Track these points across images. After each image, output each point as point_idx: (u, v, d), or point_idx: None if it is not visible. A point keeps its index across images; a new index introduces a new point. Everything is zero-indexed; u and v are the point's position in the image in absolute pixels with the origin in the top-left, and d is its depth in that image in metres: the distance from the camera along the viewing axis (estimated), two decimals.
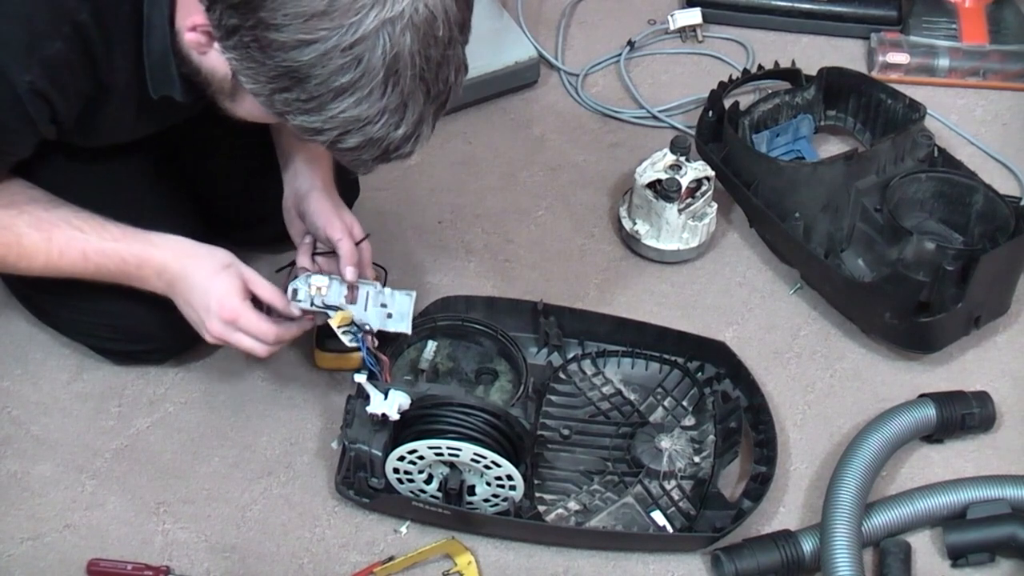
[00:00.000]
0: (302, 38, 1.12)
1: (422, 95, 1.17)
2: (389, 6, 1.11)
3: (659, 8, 2.16)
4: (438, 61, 1.16)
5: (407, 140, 1.20)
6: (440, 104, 1.20)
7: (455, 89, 1.21)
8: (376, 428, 1.43)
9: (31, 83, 1.24)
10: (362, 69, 1.13)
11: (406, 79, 1.14)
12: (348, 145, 1.19)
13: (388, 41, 1.12)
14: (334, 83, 1.13)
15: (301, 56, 1.12)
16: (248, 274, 1.41)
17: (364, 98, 1.14)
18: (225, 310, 1.40)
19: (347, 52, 1.12)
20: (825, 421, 1.63)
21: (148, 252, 1.40)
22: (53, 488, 1.55)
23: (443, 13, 1.14)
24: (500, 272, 1.79)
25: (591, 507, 1.52)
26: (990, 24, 2.09)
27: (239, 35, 1.15)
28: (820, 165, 1.78)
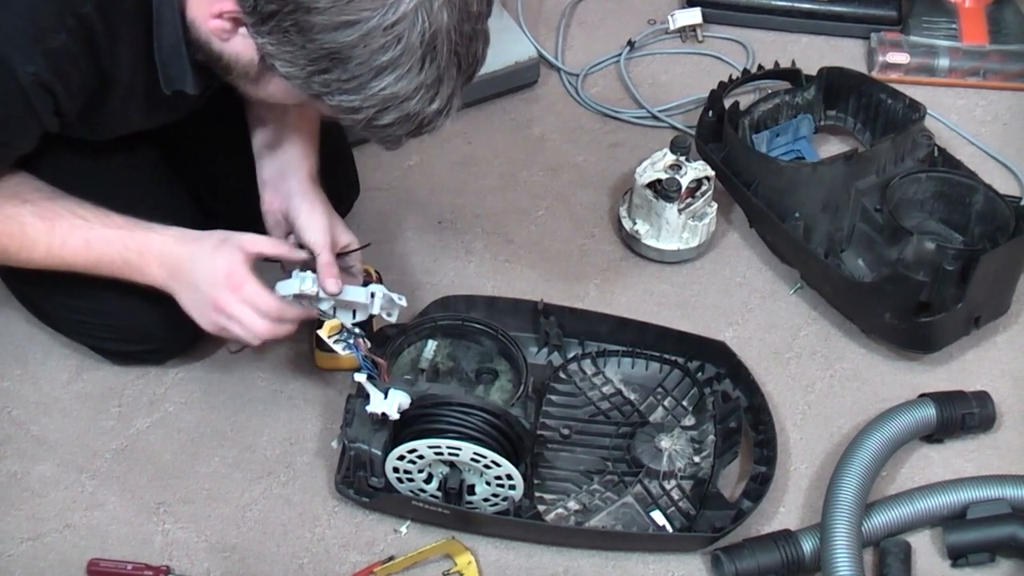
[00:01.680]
0: (344, 19, 1.14)
1: (455, 69, 1.20)
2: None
3: (659, 8, 2.16)
4: (470, 35, 1.19)
5: (439, 114, 1.22)
6: (469, 76, 1.23)
7: (482, 61, 1.23)
8: (376, 427, 1.43)
9: (35, 75, 1.24)
10: (402, 47, 1.15)
11: (443, 55, 1.17)
12: (384, 122, 1.21)
13: (427, 18, 1.14)
14: (375, 62, 1.16)
15: (343, 37, 1.15)
16: (245, 240, 1.42)
17: (404, 75, 1.17)
18: (232, 278, 1.40)
19: (388, 31, 1.14)
20: (825, 421, 1.63)
21: (149, 238, 1.41)
22: (53, 488, 1.55)
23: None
24: (500, 272, 1.79)
25: (591, 507, 1.52)
26: (990, 24, 2.09)
27: (277, 19, 1.17)
28: (820, 165, 1.78)
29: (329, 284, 1.44)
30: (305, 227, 1.47)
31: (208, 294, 1.41)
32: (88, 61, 1.28)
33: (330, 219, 1.48)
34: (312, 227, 1.47)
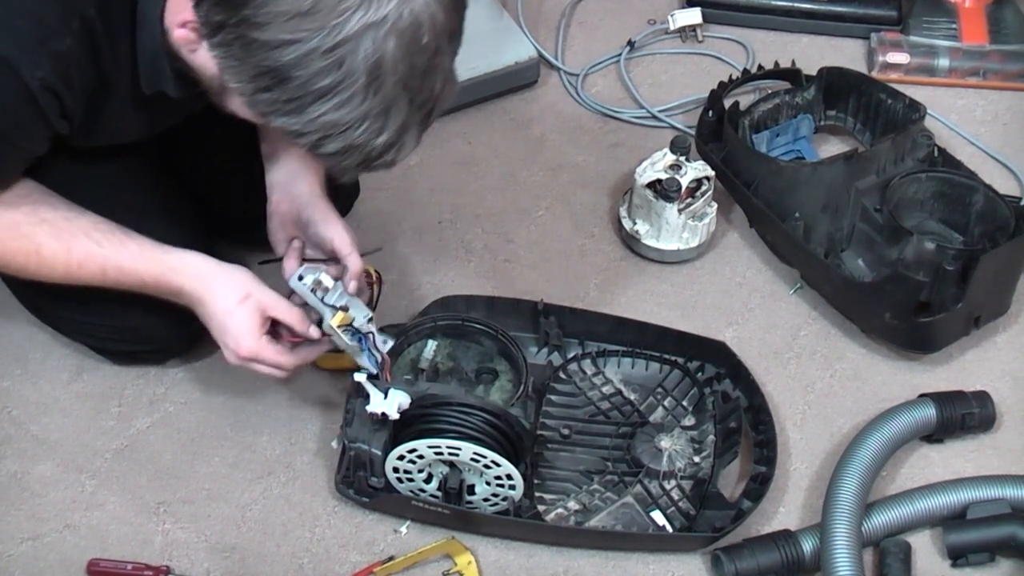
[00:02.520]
0: (284, 38, 1.11)
1: (405, 103, 1.16)
2: (374, 10, 1.10)
3: (659, 8, 2.16)
4: (423, 69, 1.15)
5: (389, 148, 1.18)
6: (425, 114, 1.19)
7: (442, 100, 1.19)
8: (376, 427, 1.43)
9: (42, 79, 1.24)
10: (343, 72, 1.12)
11: (388, 85, 1.13)
12: (329, 150, 1.18)
13: (371, 45, 1.11)
14: (315, 85, 1.12)
15: (282, 56, 1.12)
16: (266, 301, 1.40)
17: (345, 102, 1.13)
18: (242, 349, 1.40)
19: (329, 54, 1.11)
20: (825, 421, 1.63)
21: (165, 277, 1.40)
22: (53, 488, 1.55)
23: (429, 21, 1.13)
24: (500, 272, 1.79)
25: (591, 507, 1.52)
26: (990, 24, 2.09)
27: (224, 32, 1.15)
28: (820, 165, 1.78)
29: (352, 286, 1.44)
30: (326, 232, 1.47)
31: (222, 347, 1.42)
32: (90, 63, 1.28)
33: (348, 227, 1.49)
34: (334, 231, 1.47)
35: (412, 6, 1.11)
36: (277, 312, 1.40)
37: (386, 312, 1.66)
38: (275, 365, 1.43)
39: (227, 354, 1.42)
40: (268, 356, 1.41)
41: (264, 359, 1.42)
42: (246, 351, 1.40)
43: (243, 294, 1.39)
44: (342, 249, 1.46)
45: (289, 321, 1.41)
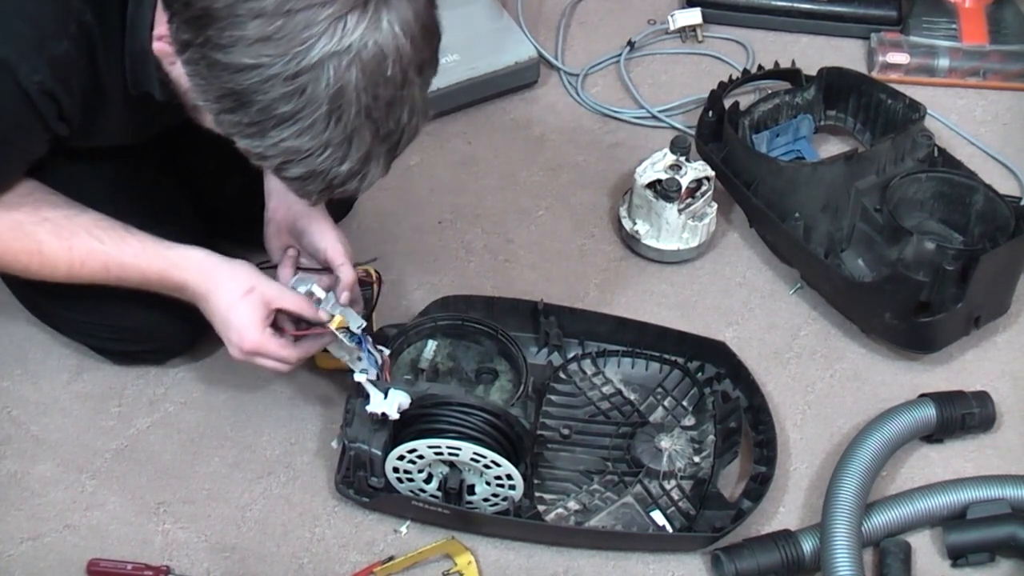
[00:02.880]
0: (247, 62, 1.10)
1: (369, 133, 1.14)
2: (337, 39, 1.09)
3: (659, 8, 2.16)
4: (388, 101, 1.13)
5: (353, 176, 1.17)
6: (392, 144, 1.17)
7: (409, 131, 1.18)
8: (376, 427, 1.43)
9: (40, 83, 1.24)
10: (304, 100, 1.11)
11: (351, 115, 1.12)
12: (292, 174, 1.17)
13: (333, 75, 1.10)
14: (276, 110, 1.12)
15: (244, 80, 1.11)
16: (270, 293, 1.40)
17: (306, 129, 1.12)
18: (246, 343, 1.40)
19: (290, 81, 1.10)
20: (825, 421, 1.63)
21: (168, 272, 1.40)
22: (53, 488, 1.55)
23: (395, 52, 1.11)
24: (500, 272, 1.79)
25: (591, 507, 1.52)
26: (990, 24, 2.09)
27: (191, 51, 1.14)
28: (820, 165, 1.78)
29: (344, 297, 1.44)
30: (320, 242, 1.47)
31: (226, 341, 1.42)
32: (87, 67, 1.28)
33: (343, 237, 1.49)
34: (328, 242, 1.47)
35: (377, 37, 1.10)
36: (282, 302, 1.40)
37: (386, 312, 1.66)
38: (279, 358, 1.42)
39: (231, 348, 1.42)
40: (272, 349, 1.41)
41: (268, 352, 1.41)
42: (250, 344, 1.40)
43: (247, 287, 1.39)
44: (334, 260, 1.46)
45: (295, 309, 1.41)
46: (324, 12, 1.08)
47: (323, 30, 1.08)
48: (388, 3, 1.10)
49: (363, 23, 1.09)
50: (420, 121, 1.19)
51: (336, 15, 1.08)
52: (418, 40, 1.13)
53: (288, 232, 1.50)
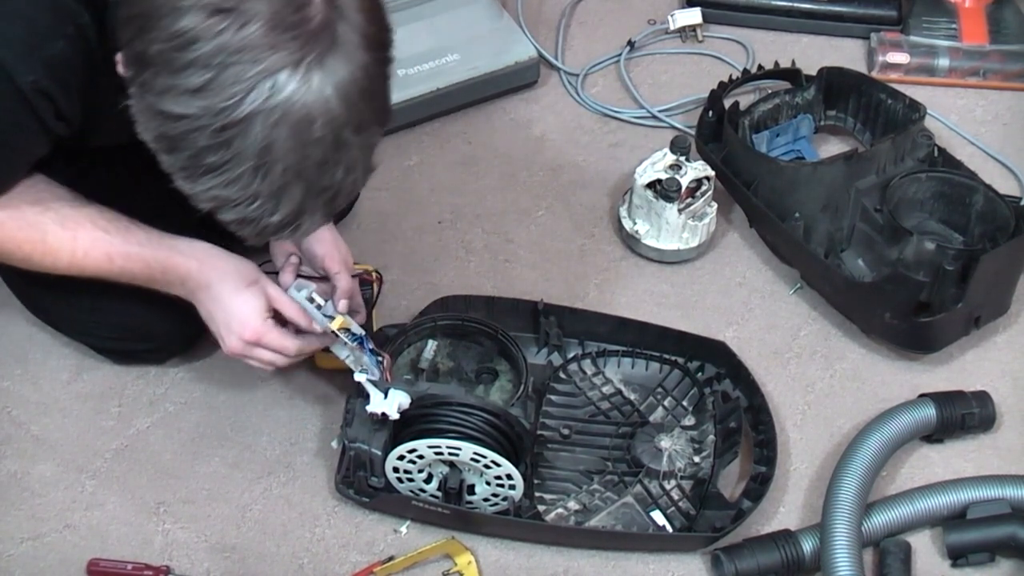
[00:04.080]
0: (176, 111, 1.09)
1: (300, 190, 1.12)
2: (265, 97, 1.06)
3: (659, 8, 2.16)
4: (319, 161, 1.10)
5: (285, 227, 1.15)
6: (328, 199, 1.15)
7: (347, 187, 1.15)
8: (376, 427, 1.43)
9: (34, 82, 1.24)
10: (231, 153, 1.09)
11: (277, 172, 1.10)
12: (225, 218, 1.16)
13: (260, 132, 1.08)
14: (203, 160, 1.10)
15: (174, 127, 1.10)
16: (272, 291, 1.41)
17: (233, 181, 1.11)
18: (247, 331, 1.40)
19: (218, 134, 1.08)
20: (825, 421, 1.63)
21: (173, 260, 1.40)
22: (53, 488, 1.55)
23: (324, 114, 1.08)
24: (500, 272, 1.79)
25: (591, 507, 1.52)
26: (990, 24, 2.09)
27: (132, 86, 1.13)
28: (820, 165, 1.78)
29: (342, 305, 1.44)
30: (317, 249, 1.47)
31: (226, 332, 1.42)
32: (84, 67, 1.28)
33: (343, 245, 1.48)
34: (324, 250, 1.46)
35: (307, 97, 1.07)
36: (281, 305, 1.41)
37: (386, 312, 1.66)
38: (278, 349, 1.42)
39: (230, 340, 1.41)
40: (273, 338, 1.41)
41: (269, 342, 1.41)
42: (251, 333, 1.40)
43: (251, 279, 1.40)
44: (331, 268, 1.46)
45: (291, 315, 1.41)
46: (255, 68, 1.06)
47: (252, 86, 1.06)
48: (322, 63, 1.07)
49: (293, 82, 1.06)
50: (360, 177, 1.16)
51: (267, 72, 1.06)
52: (355, 101, 1.09)
53: None
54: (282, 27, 1.05)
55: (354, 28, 1.09)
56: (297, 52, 1.06)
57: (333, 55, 1.08)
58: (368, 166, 1.17)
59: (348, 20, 1.09)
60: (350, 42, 1.09)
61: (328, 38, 1.07)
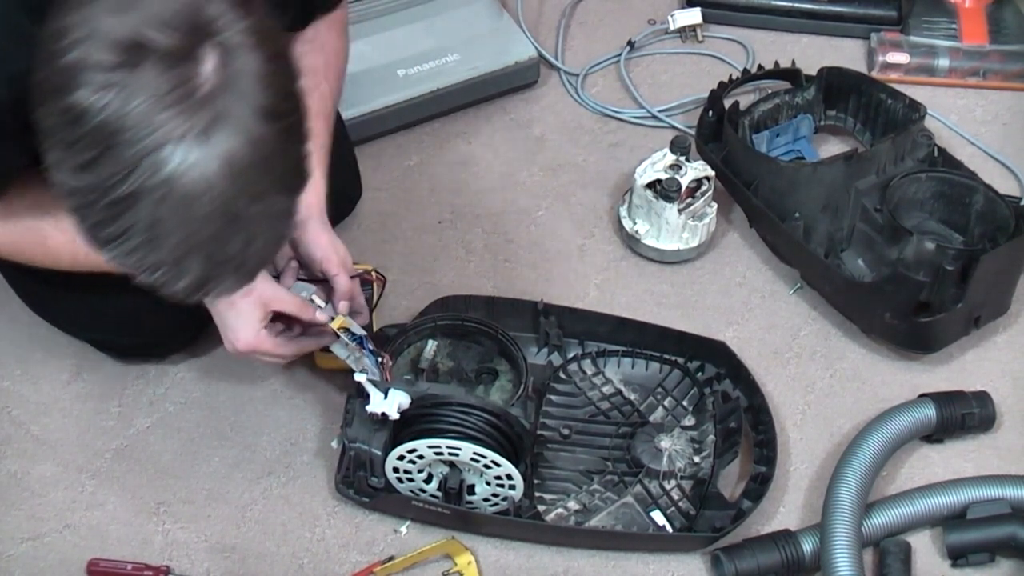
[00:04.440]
0: (68, 184, 1.05)
1: (199, 261, 1.08)
2: (148, 175, 1.02)
3: (659, 8, 2.16)
4: (211, 235, 1.06)
5: (193, 293, 1.11)
6: (236, 266, 1.10)
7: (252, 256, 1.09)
8: (376, 427, 1.43)
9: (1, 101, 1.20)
10: (123, 227, 1.05)
11: (169, 246, 1.06)
12: (139, 280, 1.11)
13: (146, 208, 1.03)
14: (99, 232, 1.07)
15: (69, 200, 1.06)
16: (269, 294, 1.40)
17: (130, 252, 1.07)
18: (240, 343, 1.41)
19: (107, 209, 1.04)
20: (825, 421, 1.63)
21: None
22: (53, 488, 1.55)
23: (208, 191, 1.02)
24: (500, 272, 1.79)
25: (591, 507, 1.52)
26: (990, 24, 2.08)
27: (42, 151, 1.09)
28: (820, 165, 1.78)
29: (342, 306, 1.44)
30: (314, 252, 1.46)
31: (224, 339, 1.42)
32: None
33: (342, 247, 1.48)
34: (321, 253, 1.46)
35: (189, 174, 1.02)
36: (280, 305, 1.41)
37: (386, 312, 1.66)
38: (274, 356, 1.44)
39: (228, 346, 1.43)
40: (266, 349, 1.42)
41: (262, 352, 1.42)
42: (243, 345, 1.41)
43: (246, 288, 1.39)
44: (329, 270, 1.46)
45: (292, 311, 1.42)
46: (137, 146, 1.01)
47: (136, 164, 1.02)
48: (208, 137, 1.01)
49: (175, 159, 1.01)
50: (270, 244, 1.11)
51: (149, 149, 1.01)
52: (245, 175, 1.03)
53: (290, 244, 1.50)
54: (167, 101, 1.00)
55: (246, 99, 1.02)
56: (181, 126, 1.01)
57: (219, 129, 1.01)
58: (279, 233, 1.11)
59: (240, 90, 1.02)
60: (240, 114, 1.02)
61: (214, 111, 1.01)
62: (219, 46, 1.01)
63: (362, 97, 1.89)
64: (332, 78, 1.53)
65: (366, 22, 1.94)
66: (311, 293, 1.44)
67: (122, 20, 0.99)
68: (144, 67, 0.98)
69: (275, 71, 1.04)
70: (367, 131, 1.91)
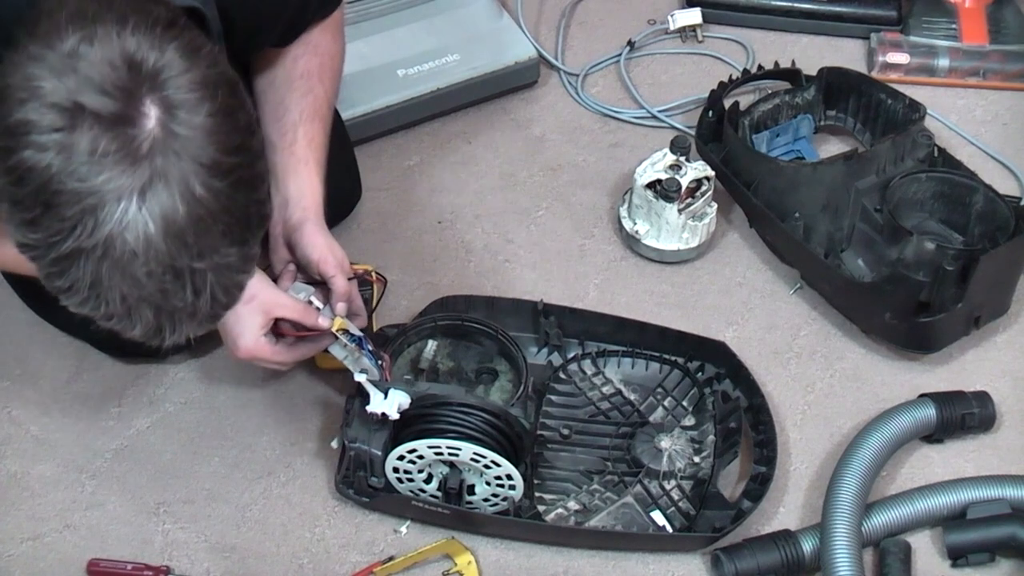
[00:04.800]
0: (18, 239, 1.05)
1: (149, 312, 1.06)
2: (87, 234, 1.00)
3: (659, 8, 2.16)
4: (158, 289, 1.04)
5: (151, 339, 1.10)
6: (189, 314, 1.08)
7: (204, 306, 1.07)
8: (376, 427, 1.43)
9: None
10: (69, 281, 1.05)
11: (117, 300, 1.05)
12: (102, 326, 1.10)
13: (86, 266, 1.02)
14: (52, 283, 1.06)
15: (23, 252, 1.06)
16: (271, 300, 1.40)
17: (82, 303, 1.06)
18: (240, 351, 1.41)
19: (53, 264, 1.04)
20: (825, 421, 1.63)
21: None
22: (53, 488, 1.55)
23: (146, 251, 1.01)
24: (500, 272, 1.79)
25: (591, 507, 1.52)
26: (990, 24, 2.08)
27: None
28: (820, 165, 1.78)
29: (339, 308, 1.44)
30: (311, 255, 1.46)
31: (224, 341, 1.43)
32: None
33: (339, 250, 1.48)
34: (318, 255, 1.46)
35: (125, 235, 1.00)
36: (282, 311, 1.41)
37: (386, 312, 1.66)
38: (275, 363, 1.45)
39: (229, 352, 1.44)
40: (267, 356, 1.43)
41: (263, 359, 1.43)
42: (244, 353, 1.41)
43: (248, 295, 1.39)
44: (326, 272, 1.46)
45: (295, 317, 1.41)
46: (77, 207, 1.00)
47: (75, 224, 1.01)
48: (144, 196, 0.99)
49: (112, 219, 0.99)
50: (224, 293, 1.07)
51: (89, 208, 1.00)
52: (186, 234, 1.01)
53: (284, 246, 1.50)
54: (106, 162, 0.99)
55: (187, 156, 1.00)
56: (119, 186, 0.99)
57: (157, 188, 0.99)
58: (232, 281, 1.09)
59: (180, 148, 1.00)
60: (180, 172, 1.00)
61: (151, 169, 0.99)
62: (161, 102, 1.00)
63: (362, 97, 1.89)
64: (328, 80, 1.53)
65: (366, 22, 1.94)
66: (309, 294, 1.44)
67: (62, 82, 0.98)
68: (82, 129, 0.98)
69: (220, 125, 1.02)
70: (367, 131, 1.91)
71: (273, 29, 1.46)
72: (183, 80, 1.01)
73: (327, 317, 1.42)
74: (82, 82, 0.98)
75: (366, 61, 1.90)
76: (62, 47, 0.99)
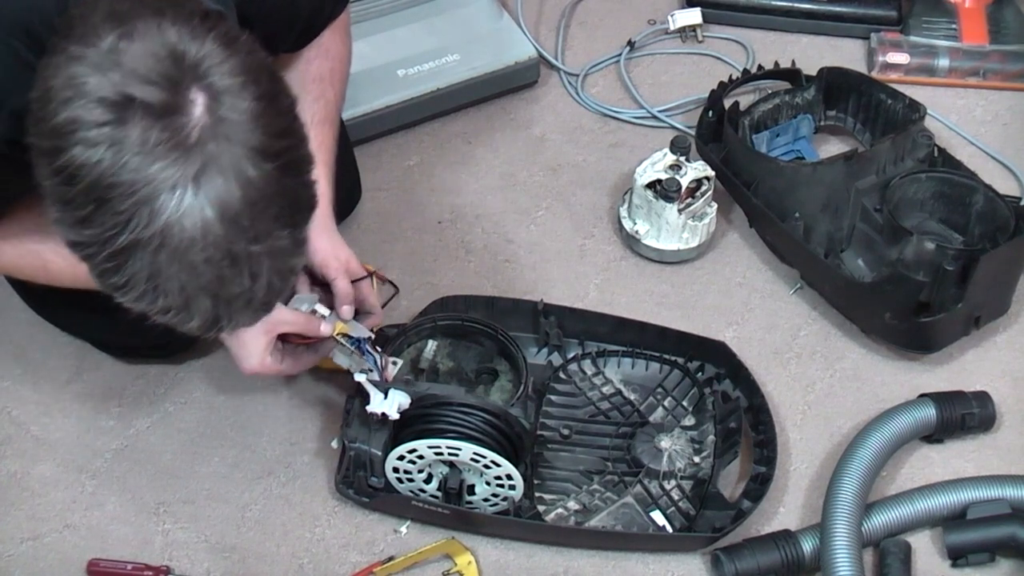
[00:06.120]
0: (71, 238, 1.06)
1: (207, 302, 1.07)
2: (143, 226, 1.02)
3: (659, 8, 2.16)
4: (216, 276, 1.04)
5: (208, 330, 1.11)
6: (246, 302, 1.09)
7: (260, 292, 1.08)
8: (376, 427, 1.43)
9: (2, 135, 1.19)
10: (126, 276, 1.05)
11: (175, 291, 1.06)
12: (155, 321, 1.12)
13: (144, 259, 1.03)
14: (107, 281, 1.07)
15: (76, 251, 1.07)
16: (272, 320, 1.37)
17: (139, 298, 1.07)
18: (245, 368, 1.42)
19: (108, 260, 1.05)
20: (825, 421, 1.63)
21: None
22: (53, 488, 1.55)
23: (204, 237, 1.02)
24: (500, 272, 1.79)
25: (591, 507, 1.52)
26: (990, 24, 2.09)
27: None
28: (820, 165, 1.78)
29: (344, 311, 1.44)
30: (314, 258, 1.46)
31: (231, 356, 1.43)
32: None
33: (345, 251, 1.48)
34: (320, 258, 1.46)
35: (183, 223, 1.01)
36: (284, 328, 1.41)
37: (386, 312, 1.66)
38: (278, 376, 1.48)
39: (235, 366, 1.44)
40: (270, 373, 1.44)
41: (266, 375, 1.46)
42: (248, 370, 1.43)
43: None
44: (328, 275, 1.46)
45: (297, 331, 1.42)
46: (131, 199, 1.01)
47: (130, 217, 1.02)
48: (199, 183, 1.01)
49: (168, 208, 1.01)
50: (278, 277, 1.09)
51: (142, 200, 1.01)
52: (241, 217, 1.03)
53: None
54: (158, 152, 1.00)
55: (236, 142, 1.01)
56: (172, 176, 1.00)
57: (210, 174, 1.01)
58: (286, 266, 1.10)
59: (229, 134, 1.01)
60: (230, 158, 1.01)
61: (203, 157, 1.00)
62: (206, 90, 1.00)
63: (362, 97, 1.89)
64: (338, 84, 1.54)
65: (366, 22, 1.94)
66: (312, 303, 1.43)
67: (107, 77, 0.99)
68: (132, 121, 0.98)
69: (265, 109, 1.03)
70: (367, 131, 1.91)
71: (289, 35, 1.47)
72: (225, 67, 1.02)
73: (329, 324, 1.42)
74: (128, 75, 0.99)
75: (366, 61, 1.90)
76: (101, 45, 1.00)
